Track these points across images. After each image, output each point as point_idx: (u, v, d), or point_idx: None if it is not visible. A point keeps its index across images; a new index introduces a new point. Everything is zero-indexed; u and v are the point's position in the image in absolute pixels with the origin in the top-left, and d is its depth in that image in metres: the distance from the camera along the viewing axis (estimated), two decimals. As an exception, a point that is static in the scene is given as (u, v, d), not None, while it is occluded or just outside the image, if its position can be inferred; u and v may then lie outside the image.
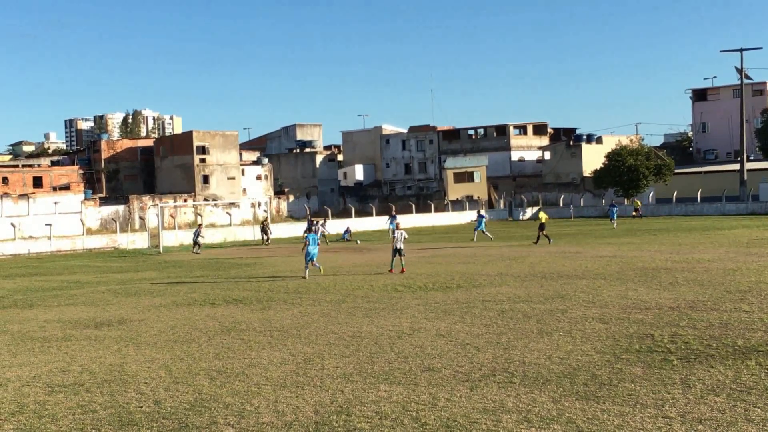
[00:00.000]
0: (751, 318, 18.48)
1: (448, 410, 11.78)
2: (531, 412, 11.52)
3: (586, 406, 11.75)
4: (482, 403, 12.11)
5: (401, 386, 13.29)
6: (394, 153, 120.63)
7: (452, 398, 12.41)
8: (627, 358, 14.80)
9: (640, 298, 22.28)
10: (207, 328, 20.08)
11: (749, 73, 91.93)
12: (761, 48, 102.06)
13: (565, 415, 11.32)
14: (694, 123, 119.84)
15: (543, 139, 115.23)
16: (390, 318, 20.53)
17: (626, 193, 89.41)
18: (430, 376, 13.94)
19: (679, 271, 28.53)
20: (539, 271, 30.71)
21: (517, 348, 16.06)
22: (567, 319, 19.33)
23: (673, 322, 18.39)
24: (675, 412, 11.27)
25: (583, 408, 11.64)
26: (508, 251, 41.81)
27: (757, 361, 14.12)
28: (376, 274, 32.21)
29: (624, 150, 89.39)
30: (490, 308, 21.51)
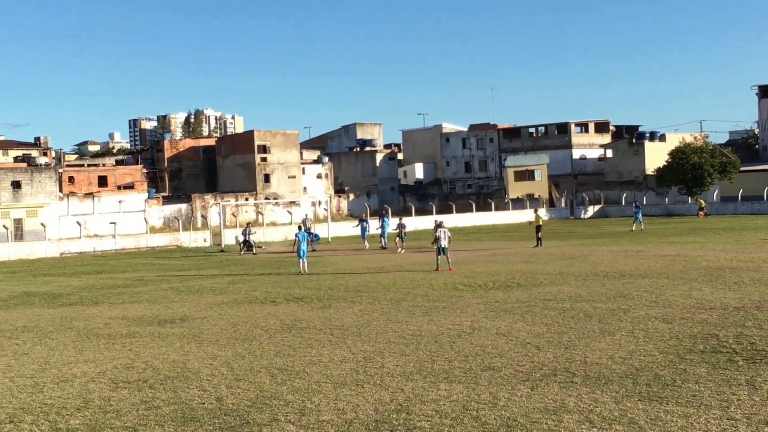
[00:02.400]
0: (820, 318, 18.11)
1: (509, 409, 11.72)
2: (592, 413, 11.42)
3: (649, 406, 11.61)
4: (543, 402, 12.03)
5: (461, 385, 13.25)
6: (454, 151, 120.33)
7: (513, 398, 12.35)
8: (691, 358, 14.59)
9: (705, 298, 21.96)
10: (268, 326, 20.23)
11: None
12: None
13: (628, 416, 11.19)
14: (760, 120, 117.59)
15: (605, 136, 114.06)
16: (450, 317, 20.50)
17: (690, 192, 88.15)
18: (491, 375, 13.89)
19: (745, 271, 28.05)
20: (601, 270, 30.42)
21: (579, 347, 15.92)
22: (629, 318, 19.12)
23: (739, 322, 18.09)
24: (740, 414, 11.09)
25: (645, 409, 11.51)
26: (570, 250, 41.48)
27: (826, 362, 13.82)
28: (436, 271, 32.15)
29: (688, 147, 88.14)
30: (551, 307, 21.37)
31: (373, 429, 11.06)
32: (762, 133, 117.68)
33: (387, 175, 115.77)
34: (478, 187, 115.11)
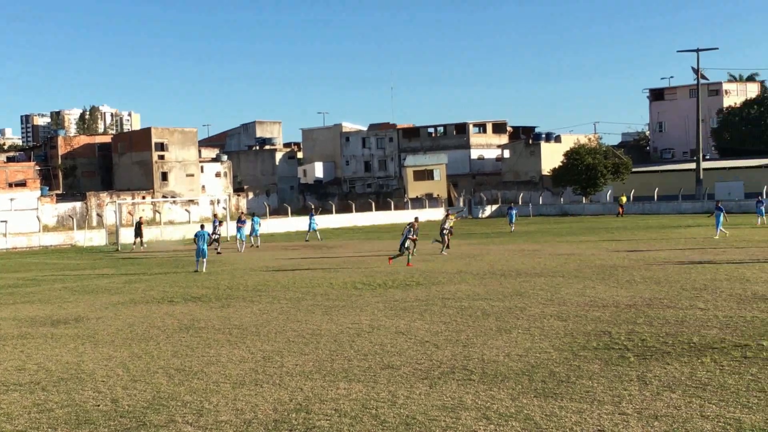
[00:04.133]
0: (707, 315, 18.70)
1: (408, 408, 11.80)
2: (490, 409, 11.58)
3: (544, 403, 11.83)
4: (441, 400, 12.15)
5: (361, 384, 13.30)
6: (354, 151, 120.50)
7: (411, 396, 12.45)
8: (585, 355, 14.92)
9: (598, 296, 22.47)
10: (165, 326, 19.96)
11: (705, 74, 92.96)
12: (717, 49, 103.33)
13: (524, 412, 11.39)
14: (652, 122, 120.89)
15: (502, 137, 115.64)
16: (350, 315, 20.54)
17: (584, 192, 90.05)
18: (390, 373, 13.97)
19: (636, 269, 28.79)
20: (498, 269, 30.86)
21: (476, 345, 16.13)
22: (526, 316, 19.45)
23: (630, 319, 18.57)
24: (631, 409, 11.39)
25: (541, 405, 11.72)
26: (468, 249, 41.95)
27: (712, 358, 14.29)
28: (336, 270, 32.16)
29: (582, 149, 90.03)
30: (449, 306, 21.59)
31: (272, 429, 11.02)
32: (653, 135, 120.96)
33: (287, 174, 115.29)
34: (378, 187, 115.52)
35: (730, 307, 19.76)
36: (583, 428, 10.64)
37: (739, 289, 22.77)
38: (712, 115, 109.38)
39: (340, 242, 52.67)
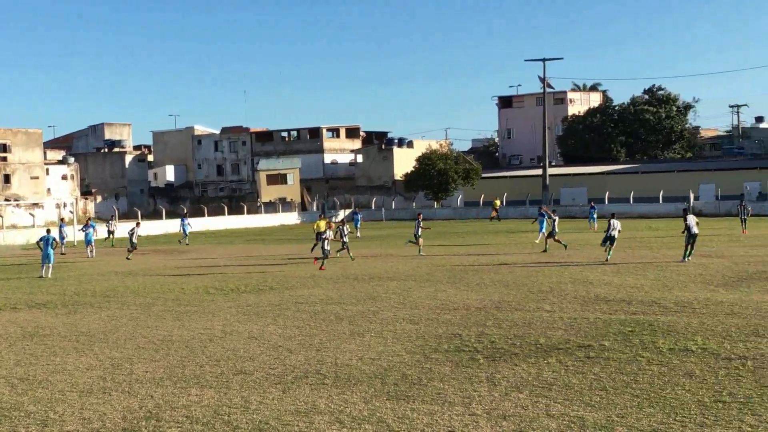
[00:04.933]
0: (552, 317, 19.28)
1: (260, 413, 11.74)
2: (343, 413, 11.63)
3: (397, 405, 11.96)
4: (294, 405, 12.13)
5: (213, 390, 13.15)
6: (206, 154, 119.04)
7: (264, 401, 12.38)
8: (436, 357, 15.15)
9: (449, 299, 22.84)
10: (8, 334, 19.23)
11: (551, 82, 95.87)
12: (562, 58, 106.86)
13: (377, 415, 11.48)
14: (500, 129, 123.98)
15: (356, 142, 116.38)
16: (201, 321, 20.27)
17: (436, 197, 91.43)
18: (242, 379, 13.86)
19: (486, 273, 29.42)
20: (351, 273, 31.01)
21: (330, 349, 16.17)
22: (378, 320, 19.61)
23: (480, 322, 18.96)
24: (481, 409, 11.63)
25: (393, 408, 11.85)
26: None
27: (558, 358, 14.74)
28: (188, 275, 31.68)
29: (434, 154, 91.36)
30: (302, 310, 21.57)
31: (121, 438, 10.77)
32: (502, 141, 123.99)
33: (137, 177, 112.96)
34: (231, 191, 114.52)
35: (574, 309, 20.42)
36: (434, 429, 10.80)
37: (582, 292, 23.56)
38: (557, 123, 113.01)
39: (193, 246, 51.89)
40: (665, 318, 18.70)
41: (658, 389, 12.42)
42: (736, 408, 11.34)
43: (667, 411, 11.29)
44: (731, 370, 13.52)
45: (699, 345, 15.52)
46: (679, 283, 24.96)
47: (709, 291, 23.14)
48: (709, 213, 71.95)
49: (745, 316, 18.77)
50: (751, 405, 11.45)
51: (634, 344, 15.78)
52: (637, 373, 13.43)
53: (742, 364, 13.91)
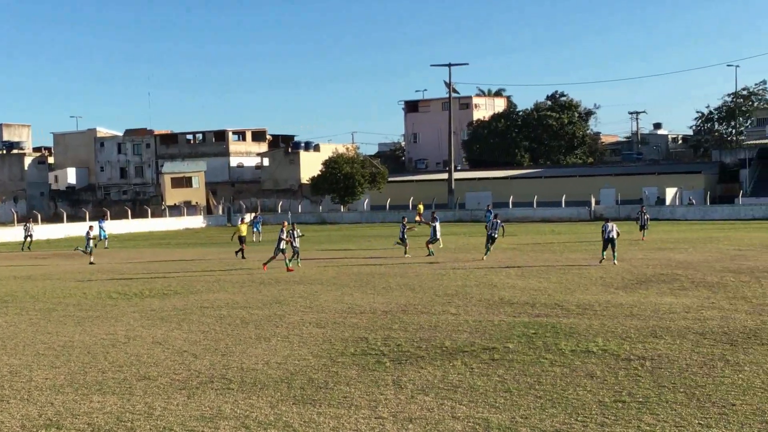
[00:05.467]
0: (458, 320, 19.47)
1: (164, 419, 11.59)
2: (249, 418, 11.56)
3: (303, 409, 11.94)
4: (199, 410, 12.01)
5: (115, 396, 12.94)
6: (109, 156, 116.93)
7: (169, 407, 12.23)
8: (342, 361, 15.17)
9: (356, 303, 22.89)
10: None
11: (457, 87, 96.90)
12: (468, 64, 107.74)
13: (283, 420, 11.45)
14: (407, 133, 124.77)
15: (262, 145, 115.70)
16: (104, 326, 19.91)
17: (342, 200, 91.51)
18: (146, 384, 13.66)
19: (392, 276, 29.54)
20: (257, 277, 30.82)
21: (235, 354, 16.05)
22: (285, 324, 19.54)
23: (386, 325, 19.04)
24: (387, 413, 11.69)
25: (300, 412, 11.82)
26: (228, 257, 41.63)
27: (463, 361, 14.90)
28: (89, 281, 31.06)
29: (340, 158, 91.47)
30: (208, 314, 21.36)
31: (20, 446, 10.52)
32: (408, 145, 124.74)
33: (36, 180, 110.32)
34: (135, 194, 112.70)
35: (479, 312, 20.66)
36: (340, 433, 10.82)
37: (487, 295, 23.85)
38: (463, 128, 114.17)
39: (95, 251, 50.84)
40: (567, 320, 19.06)
41: (560, 390, 12.65)
42: (635, 407, 11.62)
43: (569, 411, 11.51)
44: (630, 370, 13.85)
45: (600, 346, 15.86)
46: (581, 286, 25.46)
47: (610, 294, 23.65)
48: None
49: (644, 317, 19.24)
50: (650, 404, 11.75)
51: (538, 346, 16.05)
52: (541, 375, 13.66)
53: (641, 364, 14.26)
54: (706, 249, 39.00)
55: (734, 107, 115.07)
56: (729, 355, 14.79)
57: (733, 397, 12.03)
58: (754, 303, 21.13)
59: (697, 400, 11.93)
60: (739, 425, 10.71)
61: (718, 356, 14.76)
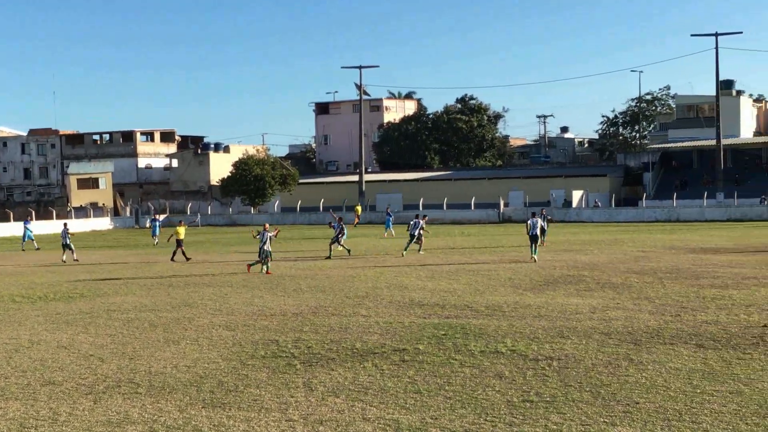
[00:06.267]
0: (369, 322, 19.51)
1: (70, 425, 11.38)
2: (157, 422, 11.42)
3: (213, 413, 11.84)
4: (106, 415, 11.82)
5: (18, 402, 12.64)
6: (12, 157, 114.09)
7: (74, 412, 12.00)
8: (253, 364, 15.08)
9: (266, 305, 22.77)
10: None
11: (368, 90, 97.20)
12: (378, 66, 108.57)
13: (192, 423, 11.33)
14: (317, 135, 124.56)
15: (171, 146, 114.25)
16: (7, 330, 19.43)
17: (252, 202, 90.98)
18: (51, 390, 13.38)
19: (303, 278, 29.47)
20: (167, 279, 30.44)
21: (143, 358, 15.83)
22: (194, 327, 19.33)
23: (297, 327, 18.99)
24: (298, 415, 11.66)
25: (209, 415, 11.72)
26: (135, 259, 41.03)
27: (374, 362, 14.94)
28: None
29: (251, 159, 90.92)
30: (115, 318, 21.01)
31: None
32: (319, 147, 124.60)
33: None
34: (39, 195, 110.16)
35: (389, 314, 20.74)
36: (250, 436, 10.76)
37: (398, 297, 23.95)
38: (373, 130, 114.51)
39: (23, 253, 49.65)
40: (477, 321, 19.26)
41: (470, 391, 12.78)
42: (542, 407, 11.81)
43: (478, 411, 11.64)
44: (538, 370, 14.06)
45: (508, 347, 16.06)
46: (490, 287, 25.75)
47: (518, 295, 23.98)
48: (519, 219, 74.48)
49: (551, 318, 19.56)
50: (557, 404, 11.95)
51: (448, 347, 16.18)
52: (450, 376, 13.78)
53: (548, 364, 14.49)
54: (611, 251, 39.83)
55: (638, 112, 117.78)
56: (633, 355, 15.13)
57: (637, 395, 12.31)
58: (657, 303, 21.65)
59: (603, 398, 12.18)
60: (642, 423, 10.96)
61: (623, 356, 15.08)
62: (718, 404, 11.73)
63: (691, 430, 10.64)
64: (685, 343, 16.14)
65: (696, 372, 13.68)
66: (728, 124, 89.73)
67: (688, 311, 20.12)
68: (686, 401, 11.91)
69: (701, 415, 11.24)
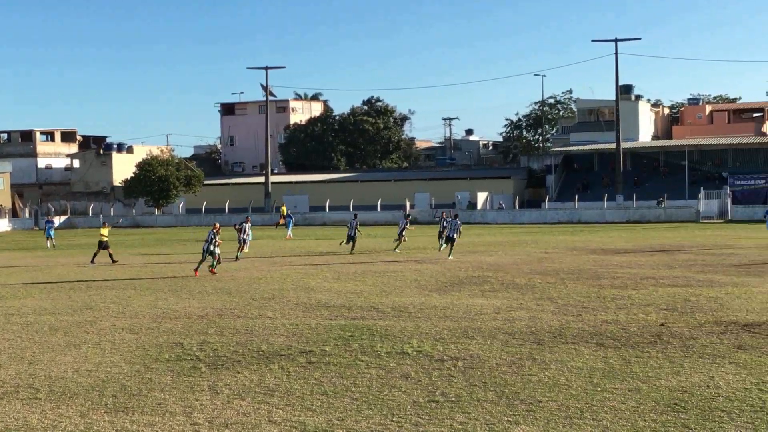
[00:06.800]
0: (275, 324, 19.44)
1: (-34, 432, 11.07)
2: (57, 428, 11.19)
3: (116, 418, 11.65)
4: (4, 422, 11.53)
5: None
6: None
7: (-29, 419, 11.67)
8: (156, 367, 14.88)
9: (170, 308, 22.49)
10: None
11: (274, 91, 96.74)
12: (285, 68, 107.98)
13: (94, 429, 11.14)
14: (223, 136, 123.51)
15: (72, 146, 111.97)
16: None
17: (157, 203, 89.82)
18: (-54, 396, 12.99)
19: (208, 280, 29.19)
20: (66, 281, 29.81)
21: (43, 362, 15.48)
22: (96, 330, 18.99)
23: (202, 330, 18.80)
24: (203, 418, 11.55)
25: (112, 420, 11.53)
26: (34, 261, 40.11)
27: (280, 364, 14.88)
28: None
29: (155, 160, 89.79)
30: (13, 321, 20.49)
31: None
32: (224, 148, 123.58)
33: None
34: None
35: (296, 316, 20.69)
36: (154, 441, 10.62)
37: (304, 298, 23.91)
38: (280, 131, 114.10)
39: None
40: (383, 322, 19.34)
41: (376, 392, 12.83)
42: (447, 407, 11.92)
43: (384, 412, 11.69)
44: (444, 370, 14.19)
45: (414, 348, 16.17)
46: (396, 289, 25.89)
47: (424, 296, 24.16)
48: (425, 221, 75.01)
49: (456, 319, 19.76)
50: (462, 404, 12.08)
51: (354, 349, 16.22)
52: (357, 377, 13.81)
53: (454, 364, 14.63)
54: (515, 252, 40.42)
55: (541, 115, 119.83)
56: (536, 354, 15.38)
57: (540, 394, 12.52)
58: (559, 303, 22.05)
59: (507, 398, 12.35)
60: (545, 421, 11.15)
61: (526, 355, 15.32)
62: (617, 402, 12.01)
63: (591, 427, 10.86)
64: (587, 342, 16.49)
65: (596, 370, 13.98)
66: (627, 127, 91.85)
67: (589, 311, 20.55)
68: (587, 399, 12.16)
69: (601, 412, 11.49)
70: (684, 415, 11.31)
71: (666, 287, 25.11)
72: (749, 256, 35.61)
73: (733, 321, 18.71)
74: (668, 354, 15.23)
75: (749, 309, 20.48)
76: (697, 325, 18.21)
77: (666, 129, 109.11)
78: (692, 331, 17.47)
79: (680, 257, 35.82)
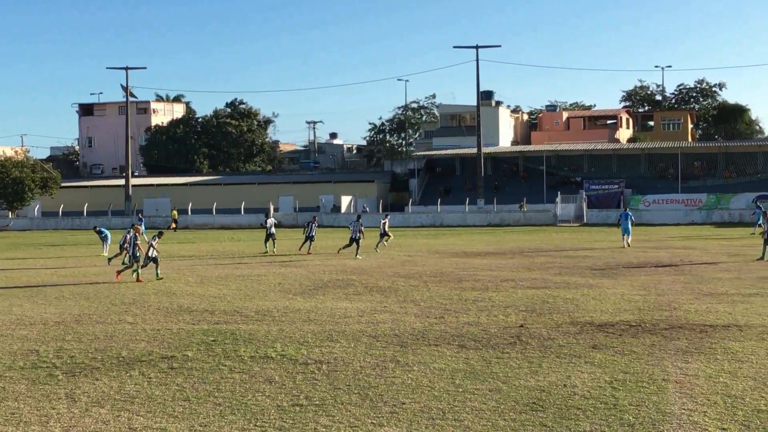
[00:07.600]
0: (135, 329, 19.05)
1: None
2: None
3: (-34, 429, 11.21)
4: None
5: None
6: None
7: None
8: (10, 375, 14.38)
9: (25, 314, 21.78)
10: None
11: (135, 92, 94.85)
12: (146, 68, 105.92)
13: (-57, 441, 10.69)
14: (81, 137, 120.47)
15: None
16: None
17: (11, 206, 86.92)
18: None
19: (66, 286, 28.40)
20: None
21: None
22: (-55, 338, 18.21)
23: (59, 336, 18.28)
24: (59, 428, 11.23)
25: (-38, 431, 11.09)
26: None
27: (141, 370, 14.60)
28: None
29: (9, 162, 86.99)
30: None
31: None
32: (83, 150, 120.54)
33: None
34: None
35: (157, 321, 20.33)
36: (8, 452, 10.27)
37: (166, 303, 23.52)
38: (141, 133, 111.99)
39: None
40: (247, 326, 19.20)
41: (239, 396, 12.72)
42: (312, 410, 11.92)
43: (248, 417, 11.60)
44: (308, 374, 14.18)
45: (278, 351, 16.11)
46: (260, 293, 25.74)
47: (288, 299, 24.09)
48: (289, 224, 74.89)
49: (321, 322, 19.78)
50: (326, 407, 12.09)
51: (217, 353, 16.04)
52: (220, 382, 13.67)
53: (318, 368, 14.64)
54: (378, 255, 40.73)
55: (404, 119, 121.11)
56: (399, 357, 15.53)
57: (403, 396, 12.65)
58: (422, 306, 22.32)
59: (371, 400, 12.43)
60: (408, 422, 11.27)
61: (390, 357, 15.45)
62: (478, 402, 12.24)
63: (453, 427, 11.04)
64: (449, 344, 16.74)
65: (458, 372, 14.20)
66: (488, 133, 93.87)
67: (451, 313, 20.87)
68: (449, 400, 12.35)
69: (463, 413, 11.69)
70: (542, 413, 11.61)
71: (525, 289, 25.75)
72: (603, 259, 36.89)
73: (589, 321, 19.32)
74: (527, 354, 15.61)
75: (603, 310, 21.19)
76: (555, 326, 18.73)
77: (525, 135, 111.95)
78: (550, 332, 17.96)
79: (538, 260, 36.81)
